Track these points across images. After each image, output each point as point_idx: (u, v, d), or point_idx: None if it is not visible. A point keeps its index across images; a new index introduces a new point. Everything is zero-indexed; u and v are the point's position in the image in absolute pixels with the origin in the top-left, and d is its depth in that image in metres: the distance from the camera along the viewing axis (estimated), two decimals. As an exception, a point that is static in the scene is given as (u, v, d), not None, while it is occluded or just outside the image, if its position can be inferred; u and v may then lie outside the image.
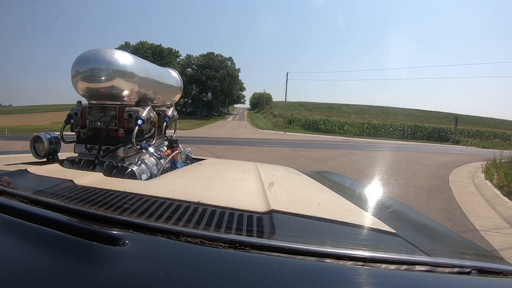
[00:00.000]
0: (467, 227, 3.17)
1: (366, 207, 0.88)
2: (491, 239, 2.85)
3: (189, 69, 44.69)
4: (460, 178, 6.20)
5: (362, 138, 23.96)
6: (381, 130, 29.22)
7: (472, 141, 26.76)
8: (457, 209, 3.81)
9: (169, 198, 0.62)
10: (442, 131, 29.66)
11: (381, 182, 5.44)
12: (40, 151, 1.05)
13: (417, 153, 12.13)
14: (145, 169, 1.05)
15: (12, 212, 0.47)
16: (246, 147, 11.16)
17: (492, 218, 3.55)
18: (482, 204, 4.19)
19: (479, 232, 3.02)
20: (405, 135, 28.91)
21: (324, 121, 31.33)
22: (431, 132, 29.60)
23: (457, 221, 3.33)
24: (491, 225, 3.29)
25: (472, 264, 0.43)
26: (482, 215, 3.62)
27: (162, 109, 1.29)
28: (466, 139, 27.76)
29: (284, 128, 29.16)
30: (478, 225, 3.23)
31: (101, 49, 1.01)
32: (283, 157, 8.50)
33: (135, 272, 0.35)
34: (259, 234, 0.49)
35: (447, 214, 3.59)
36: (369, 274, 0.39)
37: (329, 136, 24.15)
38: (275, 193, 0.78)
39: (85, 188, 0.66)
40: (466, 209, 3.85)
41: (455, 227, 3.08)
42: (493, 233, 3.03)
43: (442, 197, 4.37)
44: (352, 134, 27.57)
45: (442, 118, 41.52)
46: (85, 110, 1.05)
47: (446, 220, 3.30)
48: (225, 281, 0.35)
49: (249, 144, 12.46)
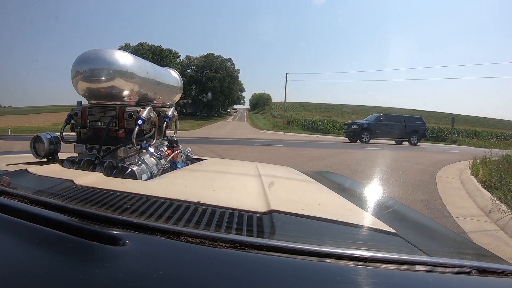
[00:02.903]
0: (443, 214, 3.49)
1: (366, 207, 0.89)
2: (463, 225, 3.17)
3: (189, 70, 45.24)
4: (448, 175, 6.50)
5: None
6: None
7: (469, 140, 27.03)
8: (437, 200, 4.13)
9: (169, 198, 0.62)
10: (440, 131, 30.07)
11: (372, 178, 5.77)
12: (40, 151, 1.05)
13: (412, 152, 12.44)
14: (145, 169, 1.06)
15: (12, 212, 0.47)
16: (246, 146, 11.52)
17: (469, 208, 3.87)
18: (463, 197, 4.51)
19: (453, 218, 3.34)
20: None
21: (323, 121, 31.77)
22: (429, 132, 29.92)
23: (434, 210, 3.65)
24: (466, 213, 3.61)
25: (472, 264, 0.44)
26: (461, 206, 3.94)
27: (162, 109, 1.30)
28: (464, 138, 28.08)
29: (283, 128, 29.54)
30: (455, 213, 3.54)
31: (102, 49, 1.02)
32: (281, 156, 8.83)
33: (135, 272, 0.35)
34: (259, 234, 0.50)
35: (426, 204, 3.91)
36: (369, 274, 0.39)
37: (328, 136, 24.52)
38: (275, 193, 0.79)
39: (85, 188, 0.67)
40: (446, 200, 4.17)
41: (431, 214, 3.40)
42: (466, 220, 3.35)
43: (426, 191, 4.70)
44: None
45: (441, 118, 41.70)
46: (85, 110, 1.06)
47: (424, 209, 3.62)
48: (226, 281, 0.35)
49: (249, 144, 12.85)
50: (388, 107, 48.91)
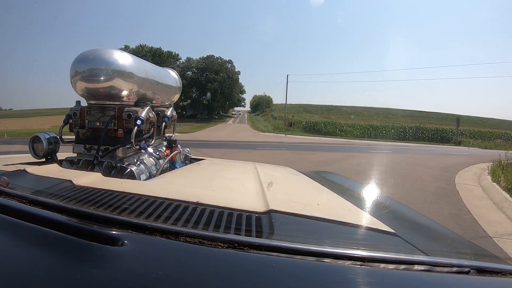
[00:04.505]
0: (478, 234, 3.06)
1: (365, 207, 0.87)
2: (505, 246, 2.74)
3: (189, 72, 44.72)
4: (466, 181, 6.09)
5: (364, 140, 23.83)
6: (383, 132, 29.14)
7: (473, 142, 26.66)
8: (466, 215, 3.70)
9: (168, 198, 0.62)
10: (444, 132, 29.56)
11: (385, 185, 5.33)
12: (38, 151, 1.05)
13: (419, 155, 12.03)
14: (144, 169, 1.05)
15: (11, 212, 0.47)
16: (248, 150, 11.05)
17: (504, 224, 3.44)
18: (491, 208, 4.09)
19: (492, 239, 2.92)
20: (407, 136, 28.82)
21: (325, 123, 31.19)
22: (433, 133, 29.51)
23: (468, 228, 3.22)
24: (502, 230, 3.18)
25: (471, 263, 0.43)
26: (493, 220, 3.51)
27: (161, 109, 1.29)
28: (468, 140, 27.66)
29: (284, 130, 29.06)
30: (491, 232, 3.12)
31: (100, 49, 1.00)
32: (285, 160, 8.40)
33: (134, 272, 0.35)
34: (258, 234, 0.50)
35: (456, 219, 3.48)
36: (368, 273, 0.39)
37: (331, 138, 24.07)
38: (274, 193, 0.78)
39: (83, 188, 0.66)
40: (475, 213, 3.74)
41: (467, 234, 2.97)
42: (506, 240, 2.92)
43: (449, 202, 4.27)
44: (353, 136, 27.47)
45: (442, 119, 41.36)
46: (84, 110, 1.04)
47: (458, 227, 3.19)
48: (224, 281, 0.35)
49: (250, 147, 12.38)
50: (389, 108, 48.64)
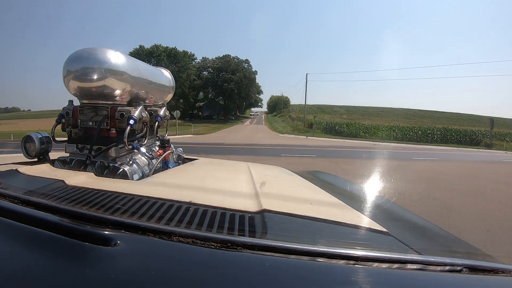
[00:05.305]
0: None
1: (358, 206, 0.82)
2: None
3: (205, 72, 44.56)
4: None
5: (392, 143, 22.29)
6: (410, 133, 27.07)
7: (506, 145, 24.21)
8: None
9: (161, 198, 0.62)
10: (473, 134, 27.51)
11: (465, 213, 4.01)
12: (31, 151, 1.03)
13: (469, 163, 10.39)
14: (136, 169, 1.04)
15: (3, 213, 0.47)
16: (270, 158, 8.94)
17: None
18: None
19: None
20: (435, 138, 26.62)
21: (347, 124, 29.65)
22: (462, 136, 27.07)
23: None
24: None
25: (463, 262, 0.43)
26: None
27: (154, 109, 1.29)
28: (500, 142, 25.15)
29: (304, 132, 27.90)
30: None
31: (93, 47, 0.99)
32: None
33: (127, 272, 0.35)
34: (251, 234, 0.50)
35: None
36: (361, 272, 0.39)
37: (355, 140, 22.56)
38: (267, 193, 0.78)
39: (76, 188, 0.66)
40: None
41: None
42: None
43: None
44: (378, 138, 25.62)
45: (464, 120, 39.53)
46: (76, 110, 1.04)
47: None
48: (217, 281, 0.35)
49: (271, 153, 10.65)
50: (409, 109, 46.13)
